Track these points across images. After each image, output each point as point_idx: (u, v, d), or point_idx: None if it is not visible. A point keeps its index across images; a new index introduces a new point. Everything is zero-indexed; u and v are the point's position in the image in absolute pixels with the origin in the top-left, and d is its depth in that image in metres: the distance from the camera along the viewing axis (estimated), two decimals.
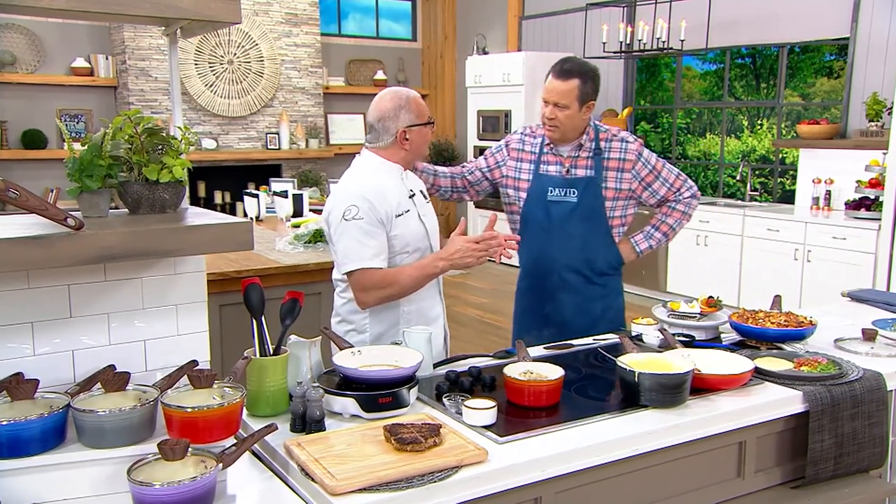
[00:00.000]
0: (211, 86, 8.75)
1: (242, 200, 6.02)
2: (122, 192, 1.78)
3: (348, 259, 2.46)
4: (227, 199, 8.89)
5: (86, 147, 1.69)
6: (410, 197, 2.58)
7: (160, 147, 1.80)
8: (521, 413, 2.01)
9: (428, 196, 2.73)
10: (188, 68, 8.58)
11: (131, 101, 8.32)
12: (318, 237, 4.19)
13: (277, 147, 9.25)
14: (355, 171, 2.61)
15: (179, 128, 1.86)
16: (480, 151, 9.19)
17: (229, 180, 8.92)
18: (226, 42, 8.80)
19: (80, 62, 8.21)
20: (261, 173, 9.02)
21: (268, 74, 9.14)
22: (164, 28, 1.86)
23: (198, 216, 1.80)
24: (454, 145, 10.52)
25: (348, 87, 10.13)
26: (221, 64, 8.80)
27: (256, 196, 5.40)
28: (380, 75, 10.32)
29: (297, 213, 5.19)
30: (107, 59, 8.39)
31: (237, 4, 1.61)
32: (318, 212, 5.41)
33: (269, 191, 6.00)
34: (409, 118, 2.53)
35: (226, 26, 1.74)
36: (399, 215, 2.51)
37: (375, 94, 2.66)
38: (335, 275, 2.65)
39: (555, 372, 2.07)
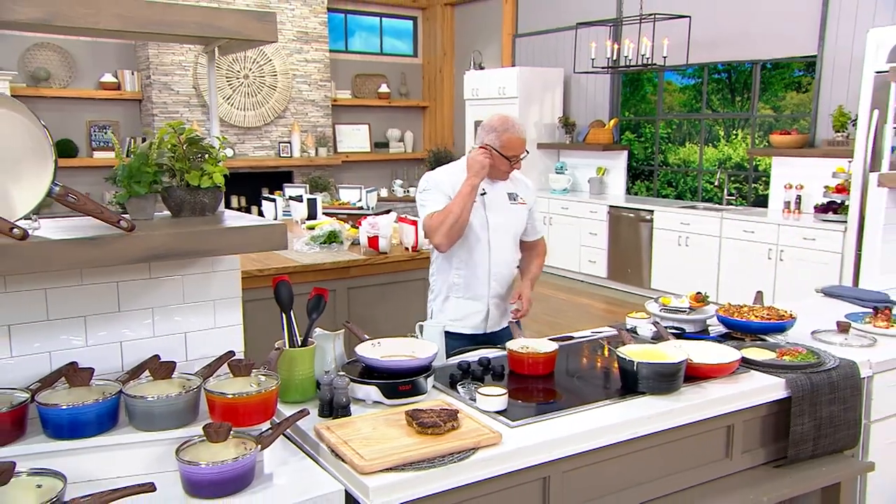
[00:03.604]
0: (228, 98, 8.75)
1: (258, 205, 6.02)
2: (166, 197, 1.79)
3: (422, 217, 2.77)
4: (243, 203, 8.90)
5: (134, 156, 1.70)
6: (482, 195, 2.76)
7: (200, 155, 1.81)
8: (526, 393, 2.05)
9: (520, 200, 2.87)
10: (207, 82, 8.58)
11: (155, 112, 8.32)
12: (332, 238, 4.20)
13: (289, 155, 9.25)
14: (449, 163, 2.94)
15: (217, 137, 1.87)
16: None
17: (245, 186, 8.92)
18: (242, 58, 8.80)
19: (107, 77, 8.21)
20: (274, 179, 9.03)
21: (280, 88, 9.14)
22: (203, 47, 1.87)
23: (235, 219, 1.81)
24: (453, 153, 10.53)
25: (355, 99, 10.13)
26: (238, 78, 8.80)
27: (274, 200, 5.40)
28: (383, 88, 10.32)
29: (311, 215, 5.19)
30: (132, 74, 8.39)
31: (273, 25, 1.62)
32: (331, 215, 5.42)
33: (284, 195, 6.00)
34: (493, 141, 2.70)
35: (262, 45, 1.75)
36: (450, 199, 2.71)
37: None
38: None
39: (549, 346, 2.23)
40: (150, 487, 1.34)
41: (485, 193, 2.78)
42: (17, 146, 1.47)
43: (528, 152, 2.79)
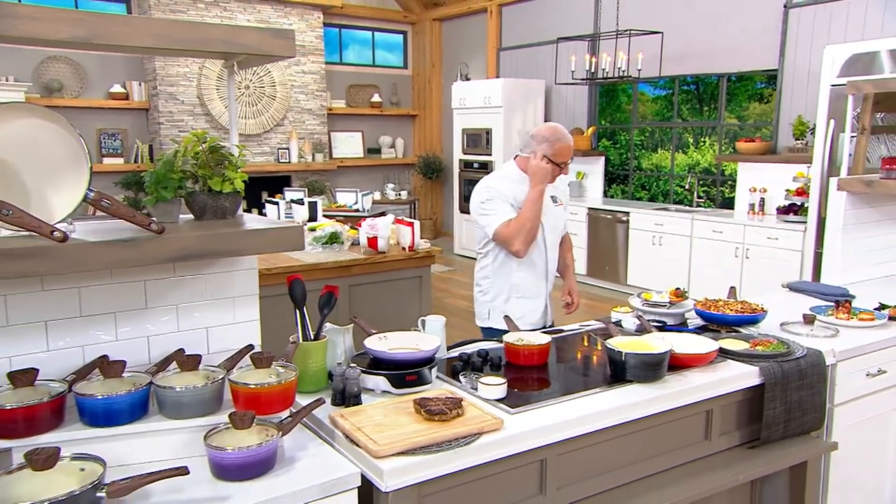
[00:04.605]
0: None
1: (259, 208, 6.00)
2: (190, 201, 1.78)
3: (490, 226, 2.77)
4: (244, 206, 8.85)
5: (160, 163, 1.71)
6: None
7: (221, 162, 1.82)
8: (523, 382, 2.06)
9: (559, 202, 2.98)
10: (211, 92, 8.54)
11: (161, 121, 8.27)
12: (333, 239, 4.21)
13: (288, 161, 9.24)
14: (494, 172, 2.98)
15: (237, 146, 1.88)
16: (466, 164, 9.24)
17: (246, 190, 8.86)
18: (243, 70, 8.76)
19: (116, 88, 8.16)
20: (273, 184, 9.01)
21: (279, 98, 9.12)
22: (223, 61, 1.87)
23: (253, 221, 1.82)
24: (441, 159, 10.55)
25: (349, 108, 10.13)
26: (239, 89, 8.77)
27: (277, 203, 5.39)
28: (376, 98, 10.32)
29: (312, 217, 5.18)
30: (140, 85, 8.34)
31: (292, 41, 1.63)
32: (330, 217, 5.42)
33: (285, 199, 5.98)
34: (546, 150, 2.76)
35: (280, 59, 1.76)
36: (513, 206, 2.80)
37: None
38: (476, 247, 3.00)
39: (543, 338, 2.24)
40: (183, 471, 1.35)
41: None
42: (55, 155, 1.47)
43: (572, 158, 2.88)
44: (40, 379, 1.55)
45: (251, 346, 1.88)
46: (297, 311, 2.01)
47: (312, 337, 2.01)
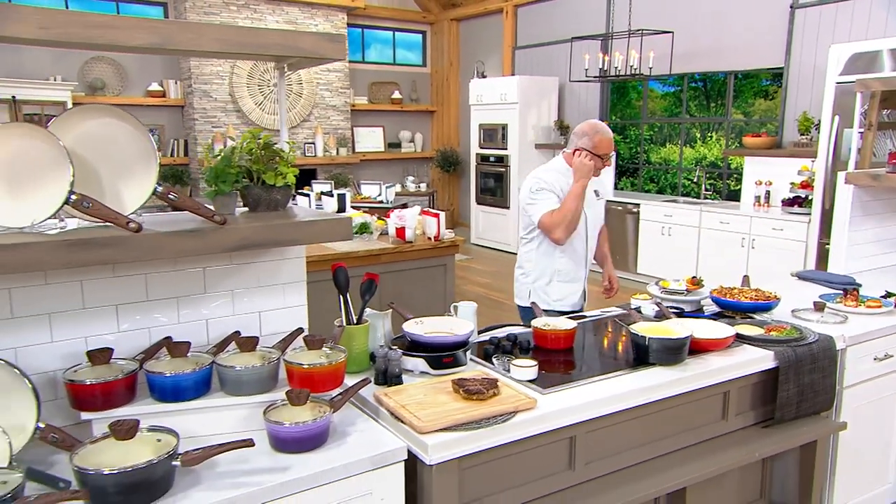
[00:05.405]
0: (259, 104, 8.76)
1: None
2: (245, 194, 1.82)
3: (536, 214, 2.85)
4: None
5: (219, 158, 1.74)
6: None
7: (273, 158, 1.85)
8: (551, 365, 2.09)
9: (601, 196, 3.09)
10: (242, 90, 8.58)
11: (196, 117, 8.32)
12: (363, 229, 4.24)
13: (314, 154, 9.27)
14: (544, 165, 3.03)
15: (288, 142, 1.91)
16: (483, 158, 9.24)
17: None
18: (272, 68, 8.79)
19: (154, 86, 8.22)
20: (299, 177, 9.03)
21: (306, 94, 9.14)
22: (275, 63, 1.90)
23: (304, 213, 1.85)
24: (458, 153, 10.55)
25: (371, 104, 10.14)
26: (268, 86, 8.80)
27: (308, 196, 5.42)
28: (396, 95, 10.32)
29: (341, 209, 5.21)
30: (176, 83, 8.39)
31: (343, 45, 1.65)
32: (356, 208, 5.45)
33: (313, 191, 6.00)
34: (586, 144, 2.83)
35: (332, 62, 1.79)
36: (559, 197, 2.87)
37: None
38: (520, 232, 3.08)
39: (569, 324, 2.26)
40: (250, 443, 1.39)
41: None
42: (127, 151, 1.51)
43: (616, 151, 2.95)
44: (114, 358, 1.60)
45: (301, 329, 1.92)
46: (341, 297, 2.05)
47: (355, 321, 2.04)
